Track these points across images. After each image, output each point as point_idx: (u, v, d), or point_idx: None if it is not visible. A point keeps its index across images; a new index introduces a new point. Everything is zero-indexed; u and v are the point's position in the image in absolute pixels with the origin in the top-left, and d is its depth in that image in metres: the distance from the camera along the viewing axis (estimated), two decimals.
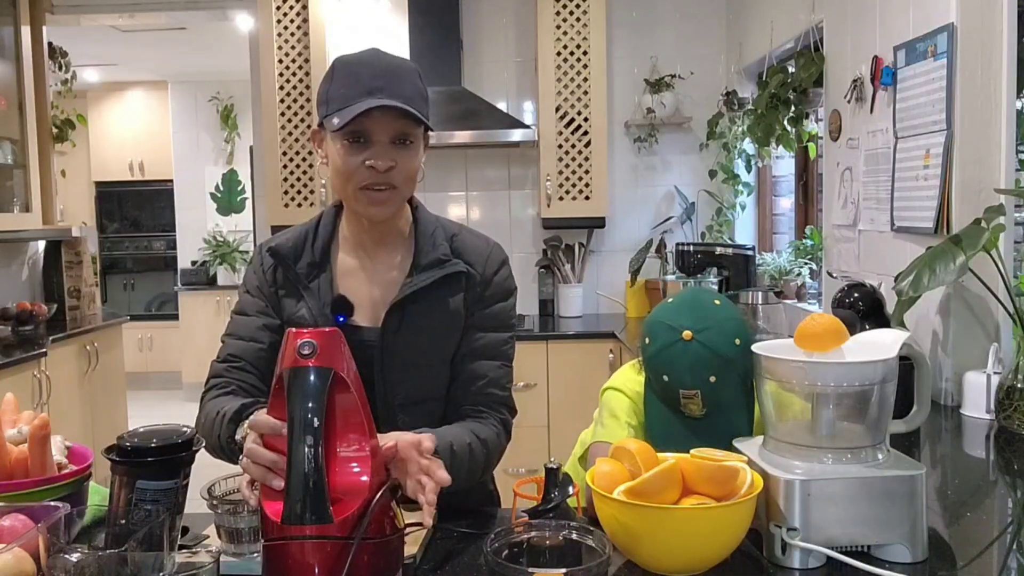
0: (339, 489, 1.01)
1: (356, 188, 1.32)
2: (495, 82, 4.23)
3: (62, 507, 1.05)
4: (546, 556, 1.09)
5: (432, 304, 1.39)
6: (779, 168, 4.00)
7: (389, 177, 1.31)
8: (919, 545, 1.11)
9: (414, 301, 1.38)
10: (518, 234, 4.28)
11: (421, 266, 1.39)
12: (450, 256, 1.41)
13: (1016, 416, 1.85)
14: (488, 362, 1.42)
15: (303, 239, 1.44)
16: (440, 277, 1.39)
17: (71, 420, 3.99)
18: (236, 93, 7.11)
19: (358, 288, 1.42)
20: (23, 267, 4.55)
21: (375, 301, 1.41)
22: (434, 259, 1.39)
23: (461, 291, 1.41)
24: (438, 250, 1.40)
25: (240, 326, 1.44)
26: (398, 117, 1.28)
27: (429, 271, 1.39)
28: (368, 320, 1.41)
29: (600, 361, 3.60)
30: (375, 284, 1.42)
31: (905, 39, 2.31)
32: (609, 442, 1.38)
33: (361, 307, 1.40)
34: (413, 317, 1.38)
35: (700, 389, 1.33)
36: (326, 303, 1.38)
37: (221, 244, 7.25)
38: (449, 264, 1.40)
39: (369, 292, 1.42)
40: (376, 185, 1.31)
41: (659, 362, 1.36)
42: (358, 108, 1.25)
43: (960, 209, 2.10)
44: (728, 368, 1.32)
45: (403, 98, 1.28)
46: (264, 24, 3.89)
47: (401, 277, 1.41)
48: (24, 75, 4.06)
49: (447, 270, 1.39)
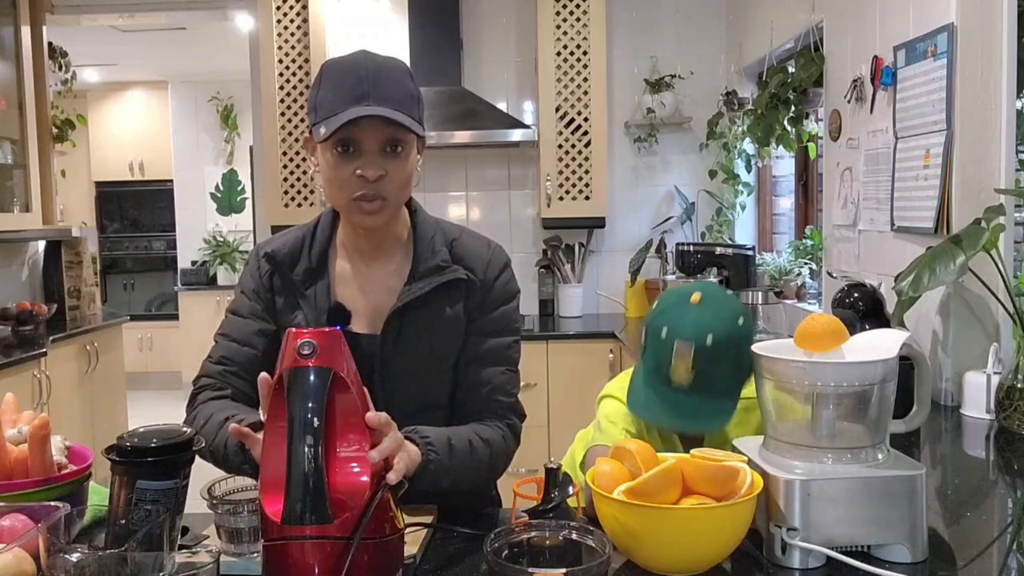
0: (339, 489, 1.00)
1: (349, 199, 1.29)
2: (495, 82, 4.23)
3: (62, 507, 1.05)
4: (546, 556, 1.09)
5: (431, 312, 1.37)
6: (779, 168, 4.00)
7: (379, 188, 1.28)
8: (919, 545, 1.11)
9: (413, 309, 1.36)
10: (518, 234, 4.28)
11: (420, 273, 1.37)
12: (449, 262, 1.38)
13: (1016, 416, 1.85)
14: (493, 368, 1.40)
15: (300, 244, 1.41)
16: (439, 284, 1.36)
17: (71, 420, 3.99)
18: (236, 93, 7.11)
19: (356, 296, 1.39)
20: (23, 267, 4.56)
21: (373, 309, 1.39)
22: (433, 266, 1.37)
23: (461, 298, 1.39)
24: (437, 256, 1.38)
25: (235, 328, 1.42)
26: (387, 124, 1.25)
27: (428, 278, 1.36)
28: (366, 328, 1.39)
29: (600, 361, 3.60)
30: (373, 292, 1.40)
31: (905, 39, 2.31)
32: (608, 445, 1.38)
33: (359, 315, 1.38)
34: (412, 325, 1.36)
35: (696, 344, 1.30)
36: (322, 311, 1.36)
37: (221, 244, 7.25)
38: (448, 271, 1.37)
39: (367, 300, 1.40)
40: (367, 196, 1.28)
41: (662, 319, 1.35)
42: (344, 117, 1.22)
43: (960, 209, 2.10)
44: (726, 341, 1.30)
45: (392, 102, 1.25)
46: (264, 24, 3.89)
47: (399, 284, 1.38)
48: (24, 75, 4.06)
49: (446, 277, 1.37)
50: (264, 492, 1.02)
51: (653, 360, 1.36)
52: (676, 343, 1.31)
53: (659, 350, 1.34)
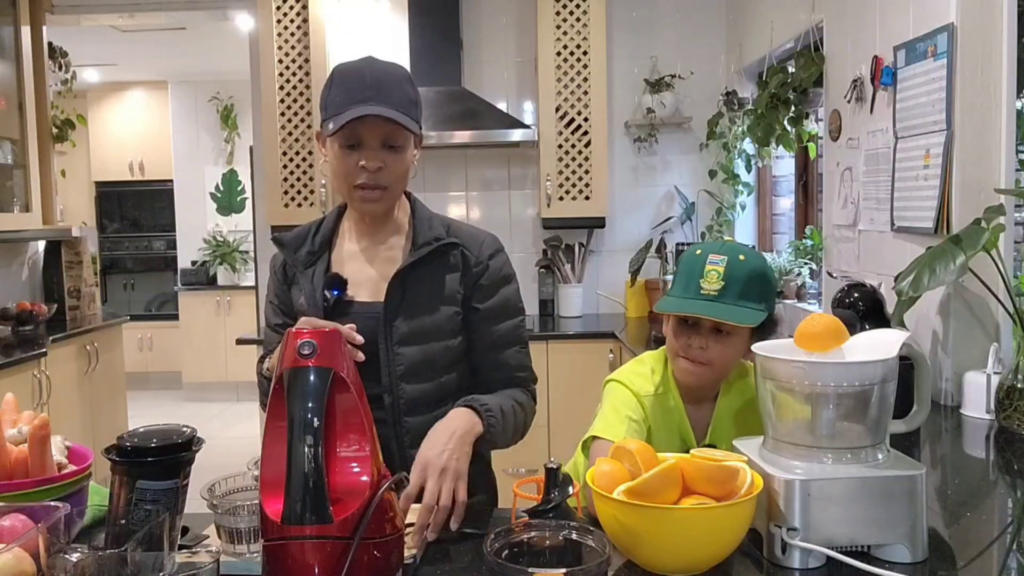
0: (339, 489, 1.01)
1: (351, 186, 1.46)
2: (495, 82, 4.23)
3: (62, 507, 1.05)
4: (546, 556, 1.09)
5: (431, 278, 1.51)
6: (779, 168, 4.00)
7: (379, 178, 1.45)
8: (919, 545, 1.11)
9: (414, 269, 1.49)
10: (518, 234, 4.28)
11: (419, 244, 1.51)
12: (446, 237, 1.53)
13: (1016, 416, 1.85)
14: (509, 350, 1.56)
15: (306, 232, 1.58)
16: (438, 250, 1.50)
17: (71, 420, 3.99)
18: (236, 93, 7.11)
19: (359, 269, 1.54)
20: (23, 267, 4.56)
21: (376, 278, 1.52)
22: (431, 237, 1.51)
23: (458, 270, 1.53)
24: (435, 231, 1.53)
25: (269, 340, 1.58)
26: (387, 123, 1.41)
27: (427, 246, 1.50)
28: (369, 295, 1.51)
29: (600, 361, 3.60)
30: (375, 263, 1.54)
31: (905, 39, 2.31)
32: (607, 438, 1.41)
33: (361, 285, 1.52)
34: (414, 288, 1.49)
35: (728, 257, 1.41)
36: (318, 286, 1.50)
37: (221, 244, 7.25)
38: (447, 241, 1.52)
39: (370, 271, 1.53)
40: (368, 185, 1.44)
41: (697, 247, 1.47)
42: (350, 115, 1.39)
43: (960, 209, 2.10)
44: (753, 264, 1.42)
45: (392, 105, 1.41)
46: (264, 24, 3.89)
47: (401, 256, 1.53)
48: (24, 75, 4.06)
49: (444, 242, 1.51)
50: (264, 492, 1.02)
51: (684, 278, 1.45)
52: (709, 255, 1.43)
53: (692, 265, 1.44)
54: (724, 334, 1.43)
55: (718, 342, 1.43)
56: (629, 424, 1.45)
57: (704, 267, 1.41)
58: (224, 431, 5.70)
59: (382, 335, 1.47)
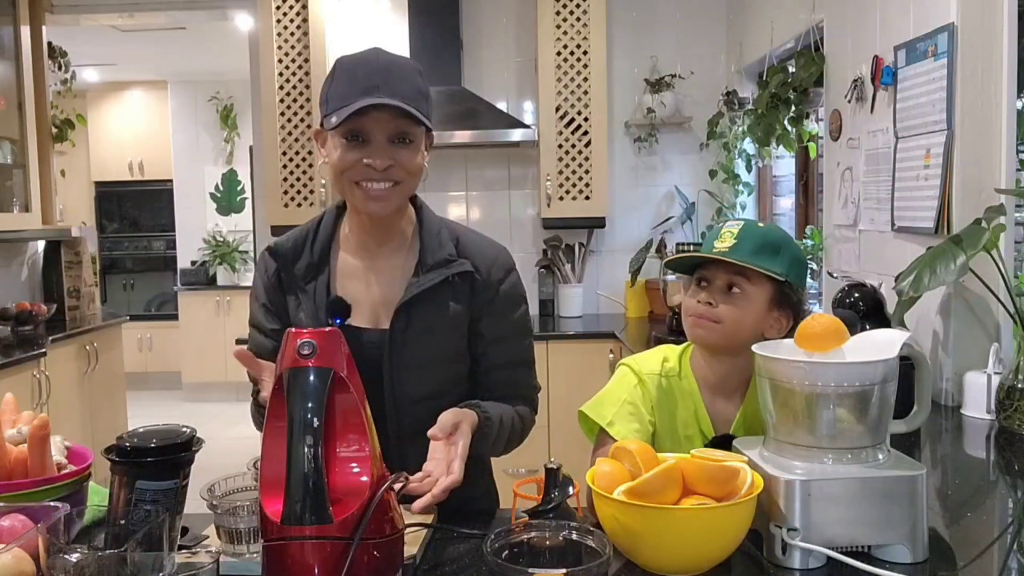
0: (339, 489, 1.00)
1: (351, 182, 1.31)
2: (495, 82, 4.23)
3: (62, 507, 1.05)
4: (546, 556, 1.09)
5: (438, 304, 1.39)
6: (779, 168, 4.00)
7: (389, 174, 1.30)
8: (919, 545, 1.11)
9: (421, 301, 1.38)
10: (518, 234, 4.28)
11: (428, 265, 1.39)
12: (456, 256, 1.40)
13: (1016, 416, 1.85)
14: (514, 371, 1.49)
15: (303, 239, 1.43)
16: (447, 277, 1.38)
17: (71, 420, 3.99)
18: (236, 93, 7.11)
19: (360, 290, 1.41)
20: (23, 267, 4.55)
21: (378, 303, 1.41)
22: (441, 259, 1.39)
23: (466, 292, 1.41)
24: (444, 249, 1.40)
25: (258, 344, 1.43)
26: (396, 116, 1.27)
27: (436, 270, 1.38)
28: (370, 322, 1.40)
29: (600, 361, 3.59)
30: (378, 286, 1.41)
31: (905, 39, 2.31)
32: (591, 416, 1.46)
33: (364, 309, 1.40)
34: (421, 317, 1.38)
35: (745, 222, 1.40)
36: (321, 306, 1.38)
37: (221, 244, 7.25)
38: (456, 264, 1.40)
39: (372, 294, 1.41)
40: (375, 180, 1.30)
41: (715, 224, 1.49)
42: (355, 106, 1.24)
43: (960, 209, 2.10)
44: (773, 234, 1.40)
45: (401, 96, 1.26)
46: (264, 24, 3.89)
47: (406, 278, 1.40)
48: (24, 75, 4.06)
49: (454, 269, 1.39)
50: (264, 492, 1.02)
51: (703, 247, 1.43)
52: (728, 223, 1.42)
53: (710, 236, 1.43)
54: (736, 295, 1.39)
55: (728, 302, 1.39)
56: (622, 406, 1.44)
57: (720, 232, 1.40)
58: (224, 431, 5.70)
59: (386, 364, 1.38)
